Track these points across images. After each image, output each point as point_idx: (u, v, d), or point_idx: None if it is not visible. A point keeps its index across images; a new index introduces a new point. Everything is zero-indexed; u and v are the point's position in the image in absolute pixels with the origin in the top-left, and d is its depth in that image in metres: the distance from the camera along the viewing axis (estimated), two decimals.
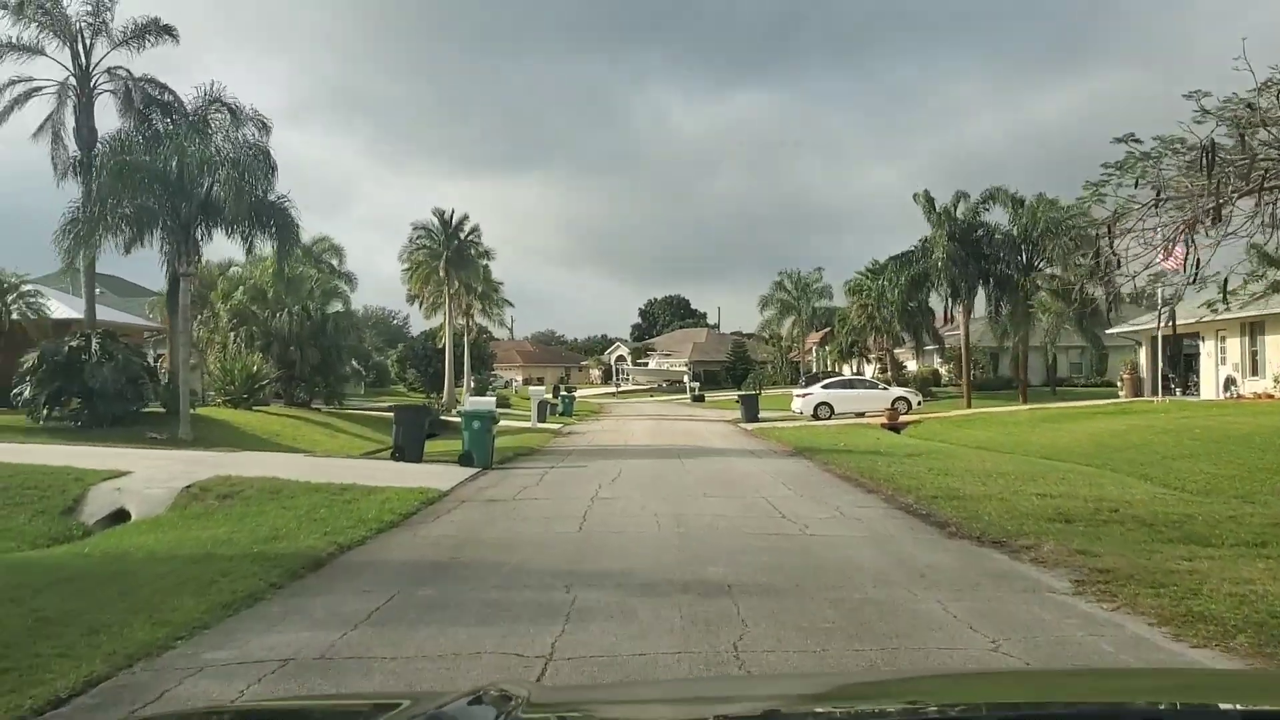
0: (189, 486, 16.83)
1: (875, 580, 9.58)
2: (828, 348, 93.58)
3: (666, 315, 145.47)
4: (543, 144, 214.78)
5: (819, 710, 2.53)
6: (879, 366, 76.85)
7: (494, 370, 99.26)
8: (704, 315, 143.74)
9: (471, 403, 24.77)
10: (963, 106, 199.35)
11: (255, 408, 34.70)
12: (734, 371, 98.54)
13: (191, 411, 29.07)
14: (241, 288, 38.81)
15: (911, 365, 76.59)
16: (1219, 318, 37.39)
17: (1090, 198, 17.09)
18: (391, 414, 25.25)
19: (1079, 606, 8.54)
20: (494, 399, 28.61)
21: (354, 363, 64.32)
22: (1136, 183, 14.84)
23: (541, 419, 44.05)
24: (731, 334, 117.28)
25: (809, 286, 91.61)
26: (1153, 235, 15.14)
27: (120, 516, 16.10)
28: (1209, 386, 38.90)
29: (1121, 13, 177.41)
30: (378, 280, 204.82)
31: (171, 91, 29.32)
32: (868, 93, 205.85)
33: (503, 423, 43.96)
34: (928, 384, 64.72)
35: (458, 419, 23.36)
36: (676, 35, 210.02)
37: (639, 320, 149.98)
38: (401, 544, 11.94)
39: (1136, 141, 15.06)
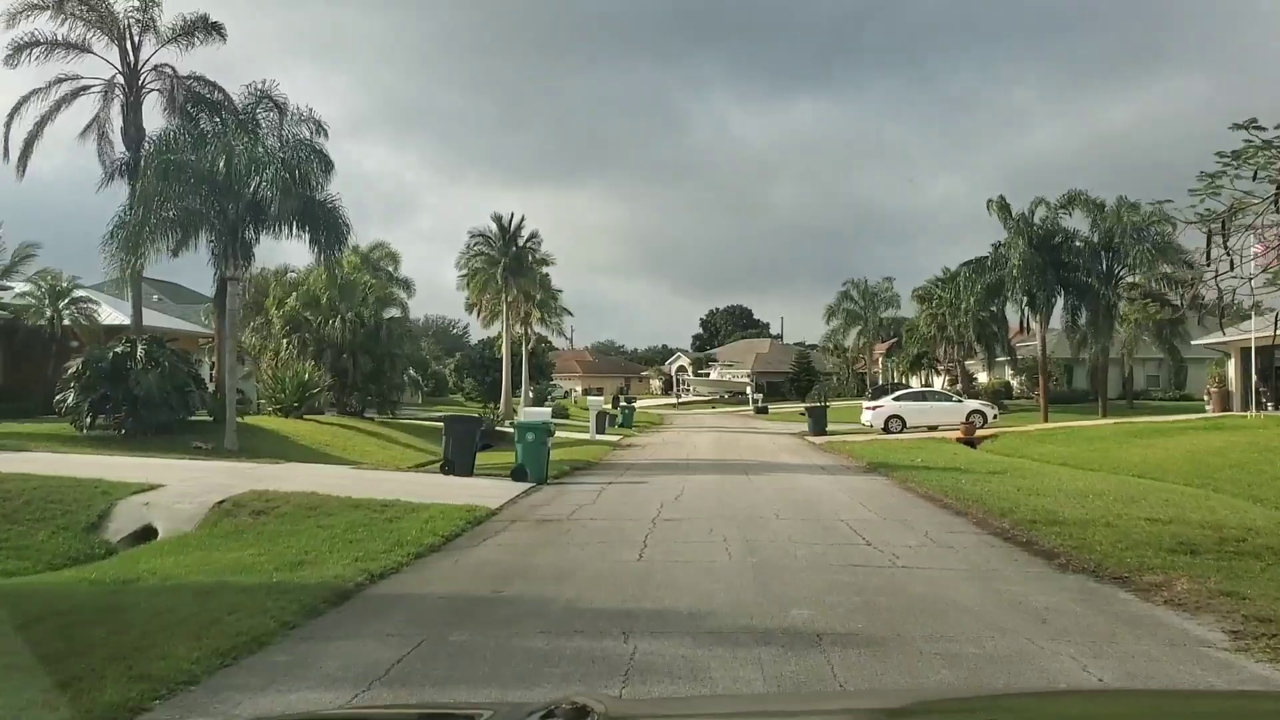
0: (222, 502, 15.70)
1: (989, 627, 8.09)
2: (894, 359, 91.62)
3: (728, 326, 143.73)
4: (601, 154, 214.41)
5: None
6: (948, 378, 74.83)
7: (552, 380, 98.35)
8: (766, 326, 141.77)
9: (526, 414, 23.52)
10: (1027, 114, 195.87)
11: (306, 417, 33.78)
12: (798, 383, 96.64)
13: (239, 420, 28.14)
14: (295, 294, 37.93)
15: (982, 377, 74.42)
16: None
17: (1205, 190, 15.38)
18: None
19: (1250, 668, 7.01)
20: (550, 410, 27.39)
21: (411, 371, 63.71)
22: (1255, 175, 13.28)
23: (600, 430, 42.75)
24: (795, 345, 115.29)
25: (876, 296, 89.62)
26: (1272, 234, 13.62)
27: (147, 534, 15.00)
28: None
29: (1185, 20, 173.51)
30: (438, 290, 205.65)
31: (221, 90, 28.52)
32: (930, 101, 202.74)
33: (560, 434, 42.76)
34: (999, 396, 62.68)
35: (513, 430, 22.11)
36: (735, 43, 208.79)
37: (700, 330, 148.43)
38: (440, 572, 10.63)
39: (1258, 129, 13.45)
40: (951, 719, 2.78)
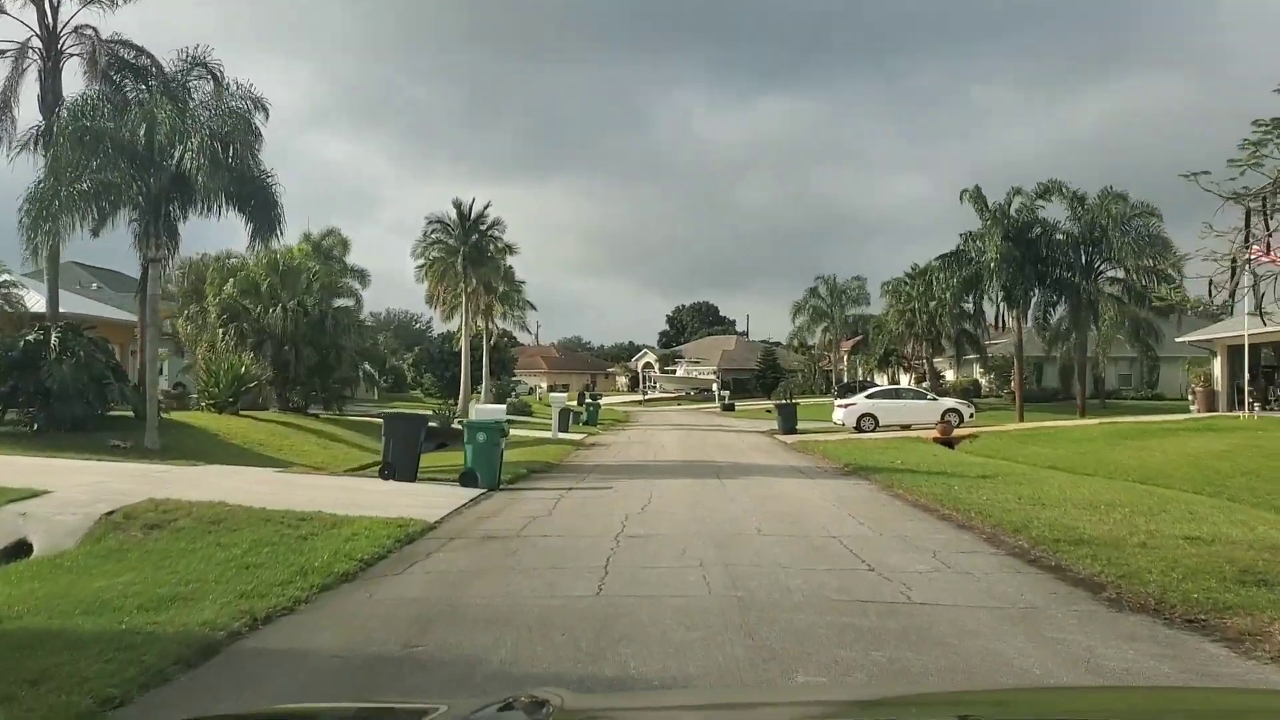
0: (111, 513, 13.44)
1: None
2: (860, 356, 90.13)
3: (695, 322, 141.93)
4: (570, 150, 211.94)
5: None
6: (915, 376, 73.39)
7: (516, 376, 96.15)
8: (733, 323, 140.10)
9: (478, 411, 21.40)
10: (993, 114, 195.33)
11: (243, 413, 31.42)
12: (764, 380, 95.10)
13: (165, 417, 25.82)
14: (232, 280, 35.44)
15: (950, 375, 72.91)
16: None
17: (1247, 161, 13.38)
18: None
19: None
20: (504, 407, 25.22)
21: (367, 366, 61.45)
22: None
23: (563, 429, 40.62)
24: (761, 342, 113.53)
25: (844, 293, 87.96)
26: None
27: (20, 550, 12.71)
28: None
29: (1154, 20, 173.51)
30: (403, 284, 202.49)
31: (149, 55, 26.08)
32: (896, 100, 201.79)
33: (522, 433, 40.54)
34: (968, 395, 61.04)
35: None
36: (706, 40, 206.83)
37: (666, 327, 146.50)
38: (345, 613, 8.45)
39: None
40: (931, 712, 2.70)
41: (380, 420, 34.49)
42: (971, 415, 41.09)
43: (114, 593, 8.94)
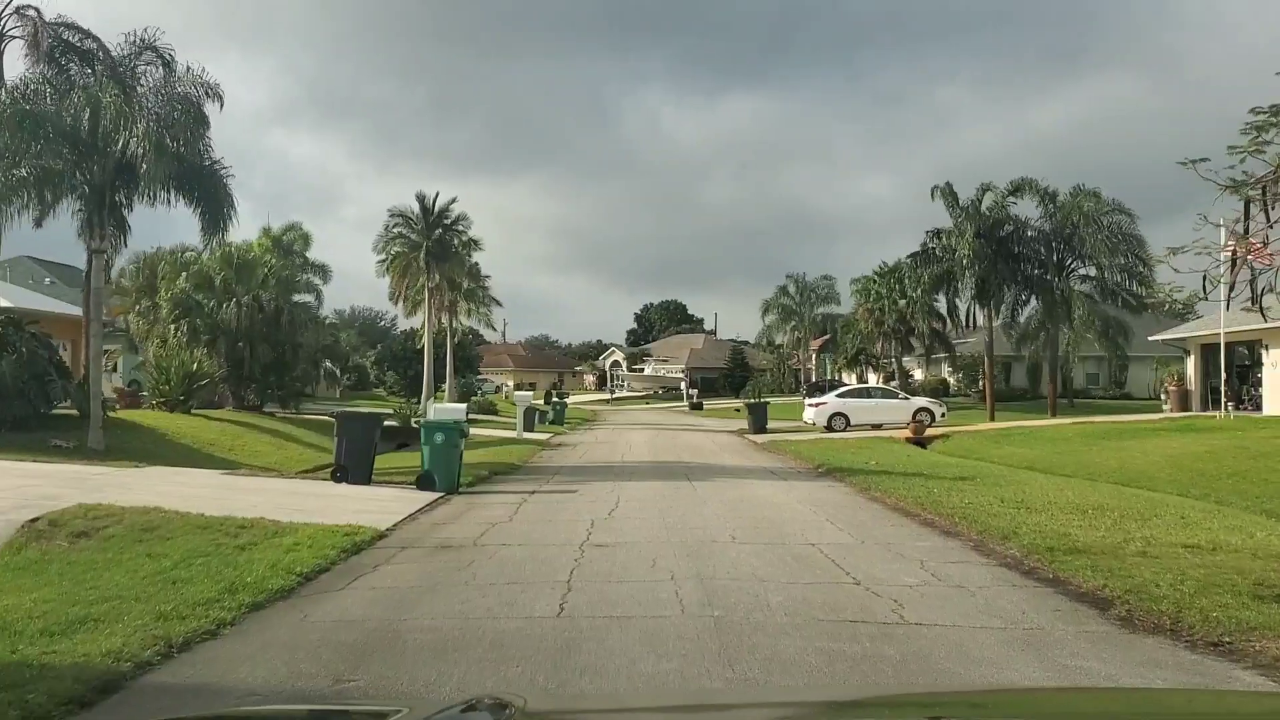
0: (36, 520, 12.40)
1: None
2: (829, 355, 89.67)
3: (663, 321, 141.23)
4: (537, 148, 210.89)
5: None
6: (883, 375, 72.99)
7: (481, 374, 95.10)
8: (701, 321, 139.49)
9: (437, 411, 20.40)
10: (957, 114, 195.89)
11: (196, 411, 30.29)
12: (732, 379, 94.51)
13: (112, 415, 24.74)
14: (185, 274, 34.22)
15: (918, 374, 72.52)
16: None
17: (1248, 148, 12.65)
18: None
19: None
20: (464, 406, 24.25)
21: (328, 363, 60.34)
22: None
23: (529, 428, 39.70)
24: (729, 341, 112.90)
25: (813, 292, 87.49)
26: None
27: None
28: (1274, 400, 34.60)
29: (1115, 21, 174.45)
30: (368, 281, 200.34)
31: (95, 38, 24.84)
32: (860, 100, 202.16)
33: (487, 432, 39.56)
34: (937, 394, 60.55)
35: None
36: (674, 38, 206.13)
37: (634, 326, 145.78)
38: (272, 640, 7.49)
39: None
40: (905, 713, 2.71)
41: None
42: (943, 415, 40.53)
43: (19, 613, 7.98)
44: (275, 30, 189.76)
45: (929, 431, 35.58)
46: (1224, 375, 34.44)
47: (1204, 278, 12.86)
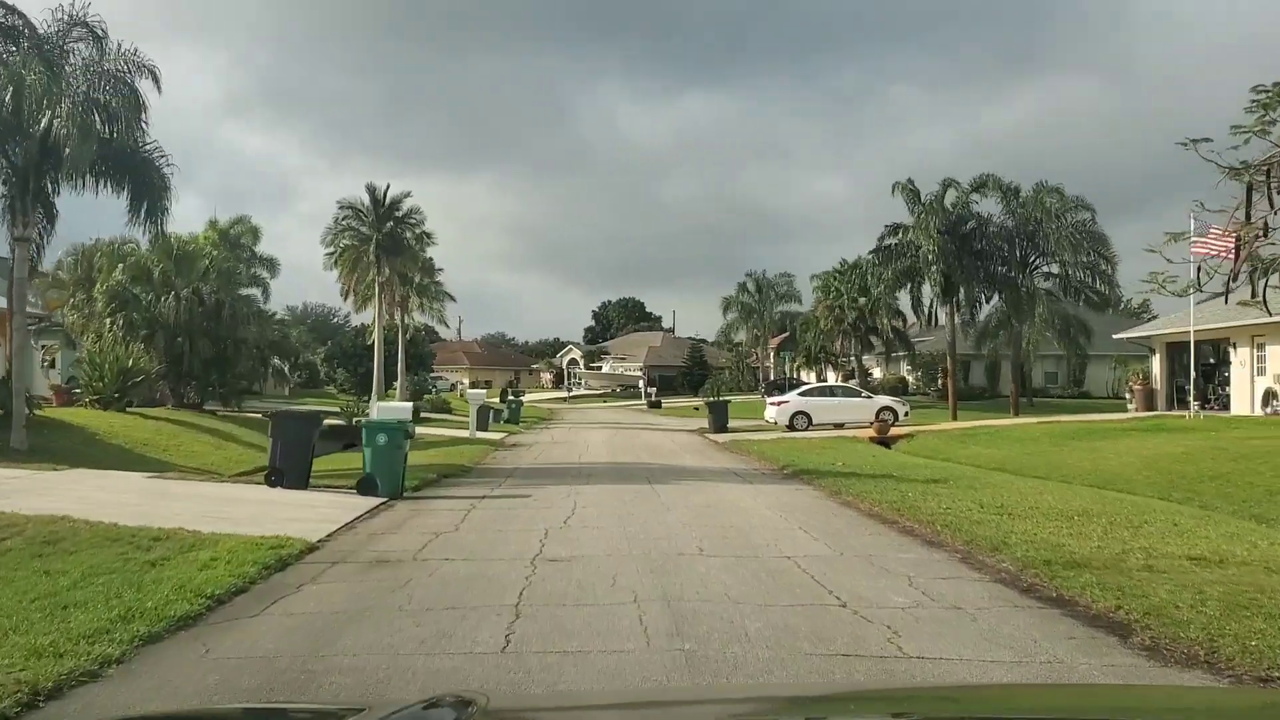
0: None
1: None
2: (788, 353, 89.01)
3: (621, 318, 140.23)
4: (494, 144, 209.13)
5: None
6: (843, 374, 72.39)
7: (436, 372, 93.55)
8: (659, 319, 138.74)
9: (380, 410, 19.19)
10: (911, 114, 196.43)
11: (131, 409, 28.81)
12: (691, 377, 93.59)
13: (39, 414, 23.31)
14: (121, 265, 32.63)
15: (877, 372, 71.97)
16: (1259, 321, 32.62)
17: (1253, 127, 11.71)
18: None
19: None
20: (410, 405, 23.03)
21: (276, 360, 58.72)
22: None
23: (482, 427, 38.47)
24: (688, 339, 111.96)
25: (773, 289, 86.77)
26: None
27: None
28: (1241, 400, 34.07)
29: (1068, 22, 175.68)
30: (322, 277, 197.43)
31: (19, 14, 23.32)
32: (816, 99, 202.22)
33: (438, 431, 38.28)
34: (896, 392, 59.89)
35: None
36: (627, 36, 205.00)
37: (592, 323, 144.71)
38: (161, 683, 6.27)
39: None
40: (869, 709, 2.64)
41: None
42: (906, 414, 39.74)
43: None
44: (226, 23, 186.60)
45: (893, 431, 34.77)
46: (1193, 374, 33.85)
47: (1198, 269, 11.86)
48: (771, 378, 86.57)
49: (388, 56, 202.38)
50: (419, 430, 37.77)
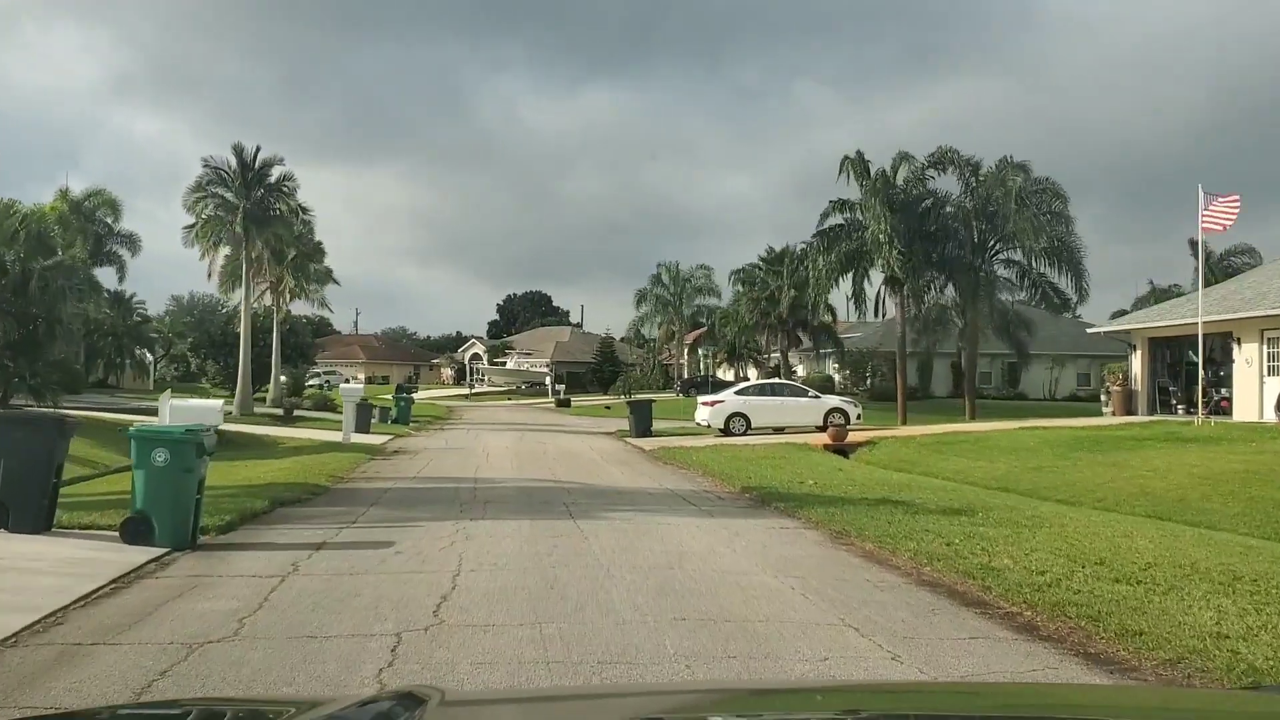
0: None
1: None
2: (706, 349, 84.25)
3: (526, 312, 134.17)
4: (395, 134, 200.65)
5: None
6: (764, 371, 67.68)
7: (330, 366, 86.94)
8: (567, 314, 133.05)
9: (172, 410, 13.18)
10: (817, 113, 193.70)
11: None
12: (601, 374, 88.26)
13: None
14: None
15: (800, 370, 67.16)
16: (1273, 313, 28.15)
17: None
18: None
19: None
20: (219, 405, 17.12)
21: (138, 350, 52.20)
22: None
23: (362, 429, 32.45)
24: (598, 334, 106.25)
25: (688, 282, 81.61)
26: None
27: None
28: (1247, 404, 29.47)
29: (972, 22, 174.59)
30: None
31: None
32: (722, 96, 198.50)
33: (308, 434, 31.83)
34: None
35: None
36: (527, 24, 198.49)
37: (496, 317, 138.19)
38: None
39: None
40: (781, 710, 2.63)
41: (125, 417, 25.94)
42: (859, 417, 34.41)
43: None
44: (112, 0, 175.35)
45: (851, 437, 29.56)
46: (1202, 373, 29.16)
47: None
48: (686, 375, 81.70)
49: (282, 39, 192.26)
50: (282, 434, 31.46)
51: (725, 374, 79.29)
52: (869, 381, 61.41)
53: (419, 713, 2.17)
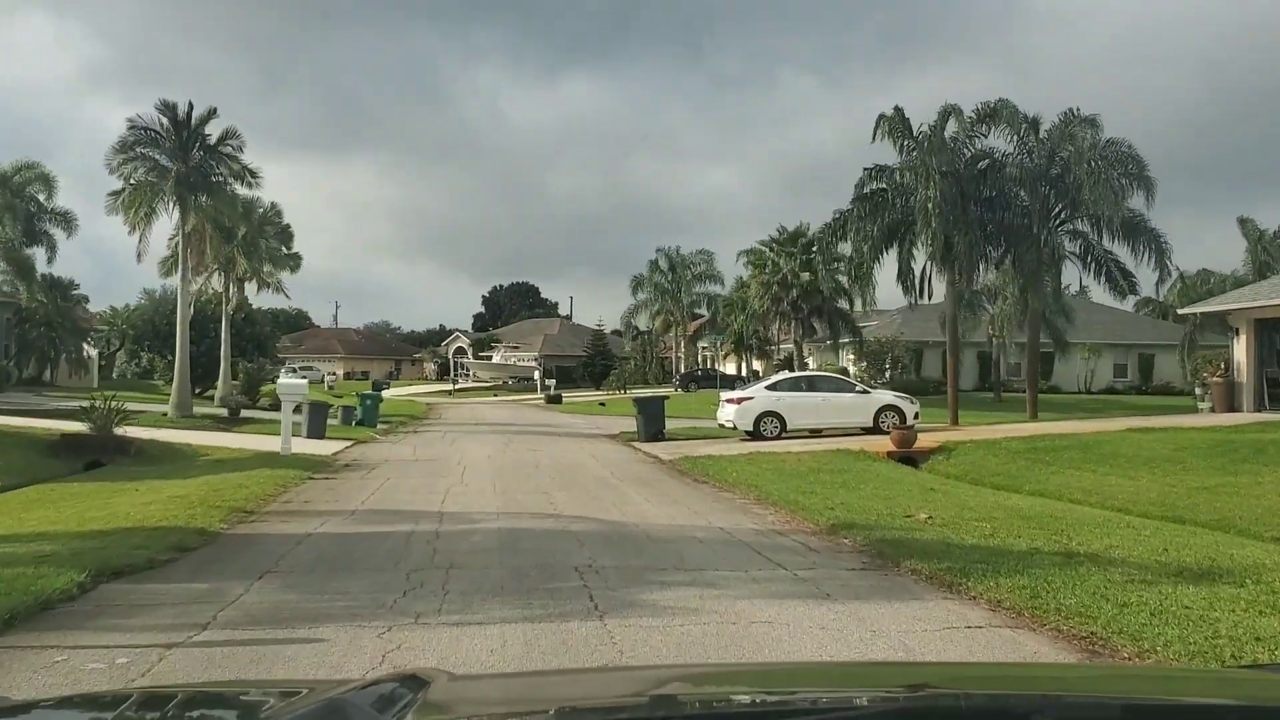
0: None
1: None
2: (703, 342, 78.84)
3: (513, 305, 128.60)
4: (372, 126, 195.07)
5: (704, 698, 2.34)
6: (774, 363, 62.30)
7: (288, 358, 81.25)
8: (555, 305, 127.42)
9: None
10: (801, 103, 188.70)
11: None
12: (592, 368, 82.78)
13: None
14: None
15: (811, 362, 61.38)
16: None
17: None
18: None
19: None
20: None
21: (79, 344, 46.48)
22: None
23: (316, 434, 26.66)
24: (588, 327, 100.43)
25: (689, 268, 75.97)
26: None
27: None
28: None
29: (955, 12, 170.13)
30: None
31: None
32: (703, 86, 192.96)
33: (245, 441, 25.73)
34: None
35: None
36: (513, 16, 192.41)
37: (482, 310, 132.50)
38: None
39: None
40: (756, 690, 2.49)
41: (51, 423, 21.08)
42: (917, 415, 28.52)
43: None
44: None
45: (919, 443, 23.78)
46: None
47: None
48: (684, 368, 76.23)
49: (257, 30, 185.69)
50: (212, 441, 25.16)
51: (728, 366, 73.89)
52: (888, 374, 55.92)
53: (423, 694, 2.08)
